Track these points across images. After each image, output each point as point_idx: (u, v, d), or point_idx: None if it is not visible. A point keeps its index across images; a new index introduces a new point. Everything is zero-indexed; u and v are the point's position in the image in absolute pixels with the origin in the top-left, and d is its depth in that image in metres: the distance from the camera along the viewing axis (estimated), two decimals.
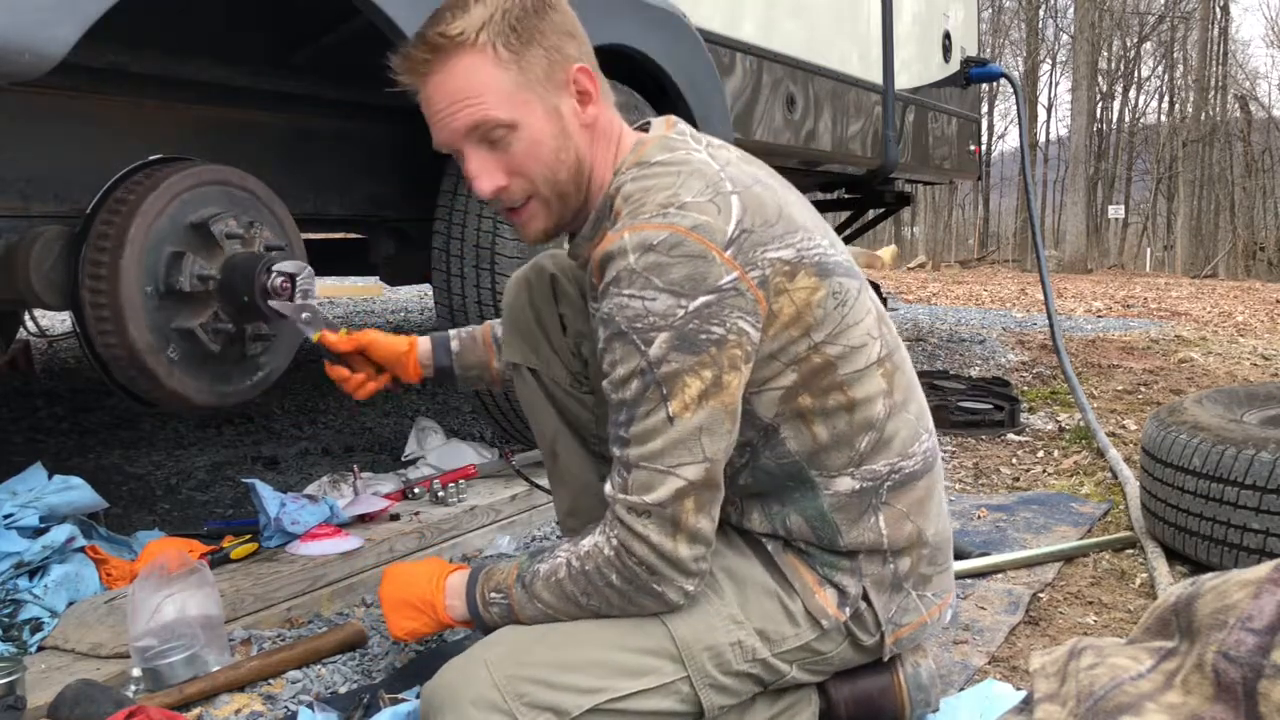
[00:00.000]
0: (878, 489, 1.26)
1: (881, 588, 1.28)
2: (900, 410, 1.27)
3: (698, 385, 1.12)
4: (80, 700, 1.37)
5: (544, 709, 1.16)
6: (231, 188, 1.88)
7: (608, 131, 1.26)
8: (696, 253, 1.11)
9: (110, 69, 1.87)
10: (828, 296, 1.20)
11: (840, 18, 3.93)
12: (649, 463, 1.14)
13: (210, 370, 1.81)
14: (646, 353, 1.12)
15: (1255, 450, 1.91)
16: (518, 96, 1.19)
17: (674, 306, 1.11)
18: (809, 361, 1.19)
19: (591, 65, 1.23)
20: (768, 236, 1.17)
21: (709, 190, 1.16)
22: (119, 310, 1.68)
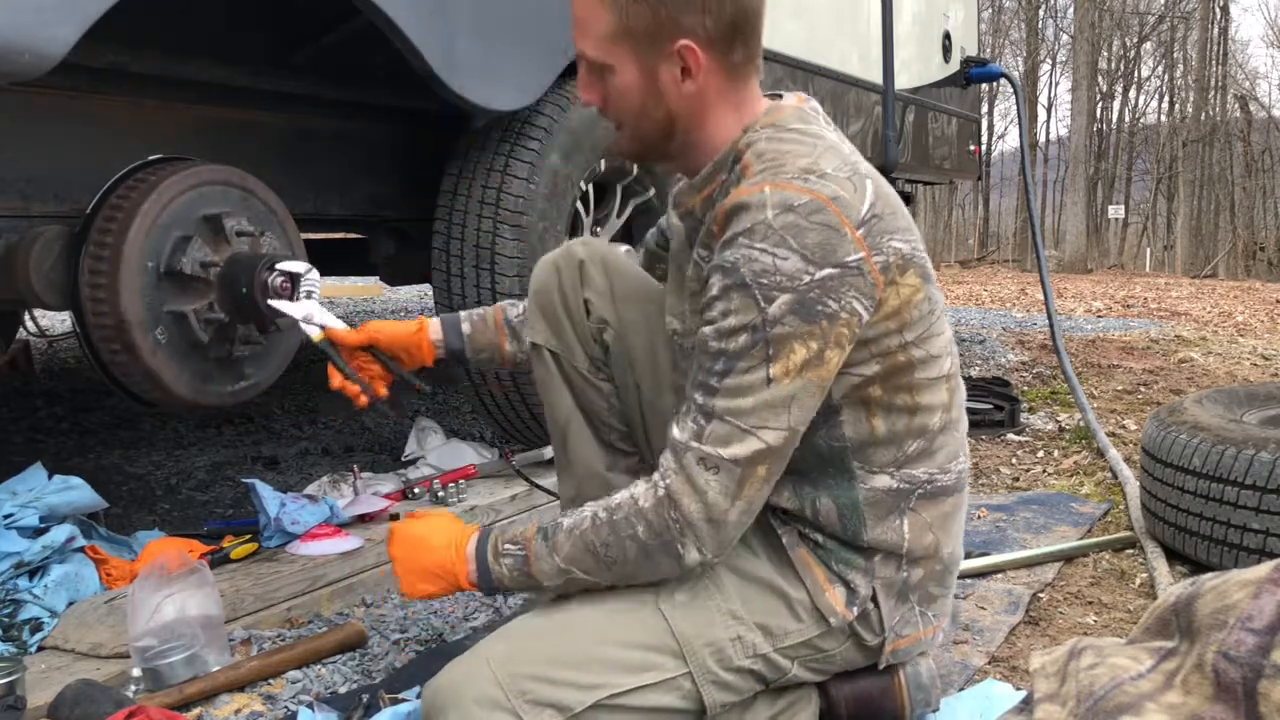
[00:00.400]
0: (910, 494, 1.27)
1: (890, 593, 1.28)
2: (952, 427, 1.29)
3: (803, 354, 1.12)
4: (80, 700, 1.37)
5: (547, 705, 1.16)
6: (232, 188, 1.88)
7: (724, 101, 1.25)
8: (833, 224, 1.12)
9: (110, 69, 1.87)
10: (925, 300, 1.21)
11: (840, 18, 3.93)
12: (734, 418, 1.14)
13: (194, 363, 1.79)
14: (766, 310, 1.11)
15: (1255, 450, 1.91)
16: (615, 44, 1.21)
17: (802, 271, 1.11)
18: (894, 357, 1.21)
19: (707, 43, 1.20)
20: (893, 226, 1.18)
21: (847, 168, 1.18)
22: (116, 278, 1.67)
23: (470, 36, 2.17)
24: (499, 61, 2.25)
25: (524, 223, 2.39)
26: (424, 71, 2.08)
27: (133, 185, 1.75)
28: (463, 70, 2.15)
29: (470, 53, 2.17)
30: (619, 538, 1.19)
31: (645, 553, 1.19)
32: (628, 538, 1.19)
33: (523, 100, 2.34)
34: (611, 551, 1.20)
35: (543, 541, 1.25)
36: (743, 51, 1.23)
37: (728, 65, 1.23)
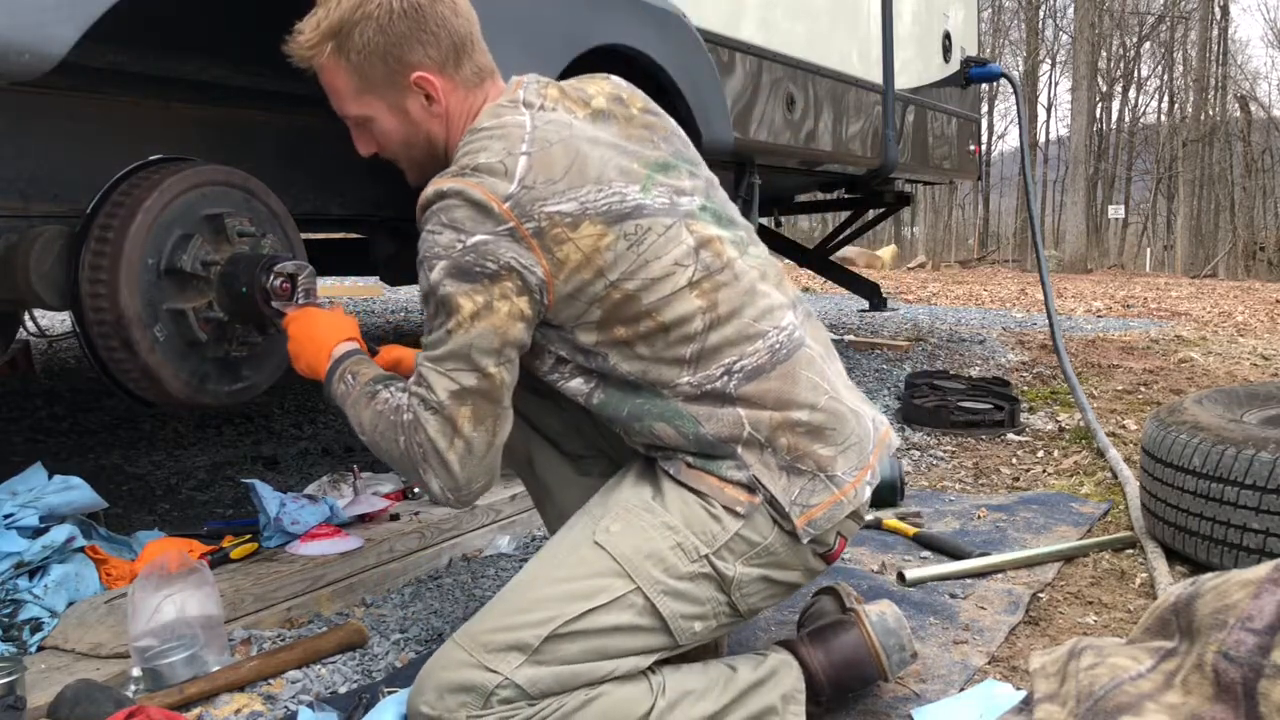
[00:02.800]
0: (724, 388, 1.35)
1: (770, 472, 1.34)
2: (728, 319, 1.36)
3: (470, 307, 1.28)
4: (80, 700, 1.37)
5: (508, 649, 1.27)
6: (235, 188, 1.88)
7: (464, 111, 1.43)
8: (477, 200, 1.28)
9: (110, 69, 1.87)
10: (618, 240, 1.32)
11: (840, 18, 3.93)
12: (435, 364, 1.31)
13: (192, 362, 1.79)
14: (430, 278, 1.30)
15: (1255, 450, 1.91)
16: (364, 98, 1.41)
17: (454, 241, 1.28)
18: (609, 298, 1.33)
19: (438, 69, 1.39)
20: (548, 193, 1.30)
21: (502, 152, 1.32)
22: (116, 274, 1.67)
23: None
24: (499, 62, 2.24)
25: None
26: None
27: (135, 183, 1.75)
28: None
29: None
30: (390, 434, 1.37)
31: (402, 458, 1.36)
32: (393, 439, 1.36)
33: None
34: (384, 443, 1.38)
35: (362, 394, 1.43)
36: (470, 65, 1.42)
37: (461, 80, 1.42)
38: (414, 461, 1.34)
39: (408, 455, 1.35)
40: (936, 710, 1.47)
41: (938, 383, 3.94)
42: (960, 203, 39.02)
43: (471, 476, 1.34)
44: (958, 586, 1.98)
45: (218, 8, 2.09)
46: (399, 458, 1.37)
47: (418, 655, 1.69)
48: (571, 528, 1.41)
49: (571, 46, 2.41)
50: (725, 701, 1.34)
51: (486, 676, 1.25)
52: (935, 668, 1.62)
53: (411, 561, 2.07)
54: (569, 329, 1.35)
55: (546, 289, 1.31)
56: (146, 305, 1.72)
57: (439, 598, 1.95)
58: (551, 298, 1.32)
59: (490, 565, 2.13)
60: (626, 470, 1.47)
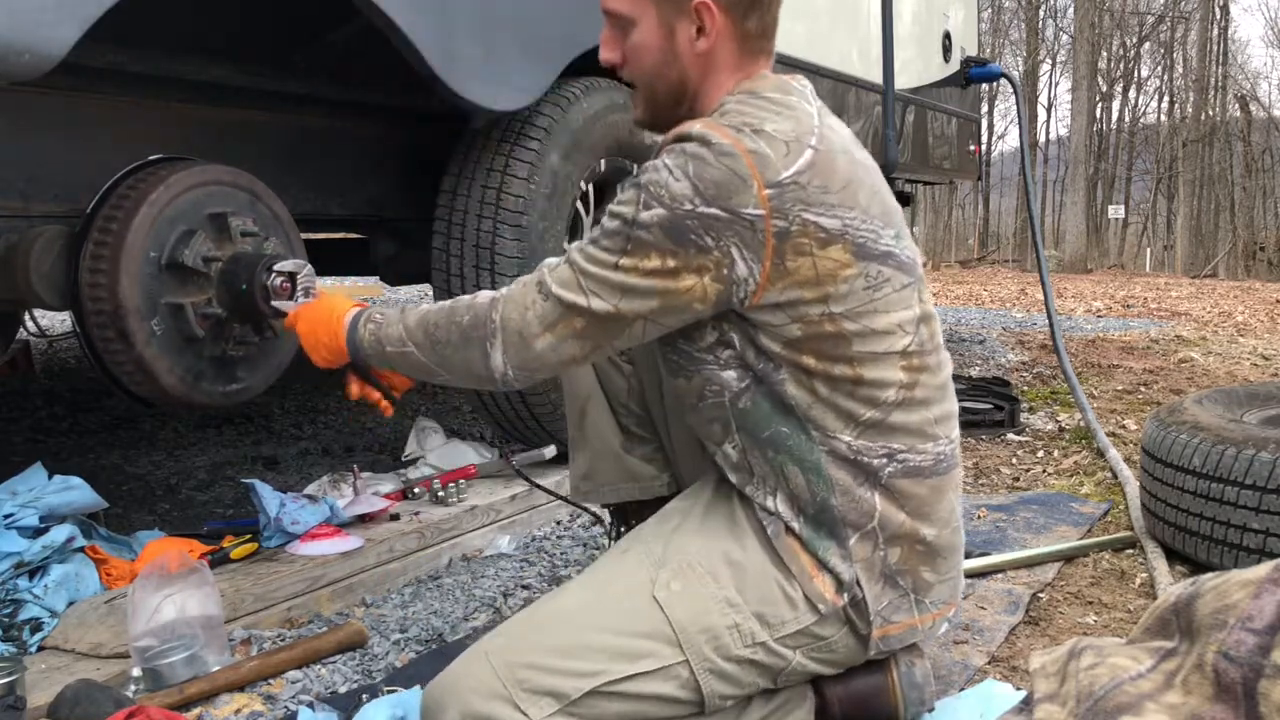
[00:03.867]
0: (879, 470, 1.27)
1: (873, 576, 1.28)
2: (917, 406, 1.29)
3: (657, 262, 1.20)
4: (80, 700, 1.37)
5: (544, 693, 1.18)
6: (239, 189, 1.88)
7: (730, 67, 1.31)
8: (740, 172, 1.17)
9: (110, 69, 1.87)
10: (859, 276, 1.23)
11: (840, 18, 3.93)
12: (580, 273, 1.23)
13: (187, 359, 1.79)
14: (639, 214, 1.19)
15: (1255, 450, 1.91)
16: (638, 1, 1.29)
17: (687, 198, 1.18)
18: (819, 325, 1.23)
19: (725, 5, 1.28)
20: (817, 200, 1.20)
21: (792, 133, 1.21)
22: (117, 264, 1.67)
23: (470, 37, 2.17)
24: (499, 62, 2.25)
25: (524, 223, 2.39)
26: (424, 72, 2.08)
27: (141, 178, 1.75)
28: (463, 70, 2.15)
29: (470, 53, 2.17)
30: (450, 320, 1.30)
31: (465, 338, 1.28)
32: (454, 323, 1.30)
33: (523, 100, 2.34)
34: (440, 332, 1.31)
35: (399, 313, 1.38)
36: (757, 22, 1.30)
37: (740, 33, 1.30)
38: (482, 334, 1.26)
39: (473, 328, 1.27)
40: (937, 710, 1.47)
41: None
42: (960, 203, 39.02)
43: (541, 366, 1.27)
44: None
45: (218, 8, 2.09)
46: (456, 338, 1.29)
47: (418, 655, 1.69)
48: (625, 555, 1.32)
49: (571, 46, 2.41)
50: None
51: (516, 717, 1.18)
52: (935, 668, 1.62)
53: (411, 561, 2.07)
54: (755, 326, 1.25)
55: (754, 290, 1.21)
56: (145, 297, 1.72)
57: (439, 598, 1.95)
58: (756, 300, 1.22)
59: (490, 565, 2.13)
60: (698, 497, 1.38)
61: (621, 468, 1.64)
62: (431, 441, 2.68)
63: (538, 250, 2.41)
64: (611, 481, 1.66)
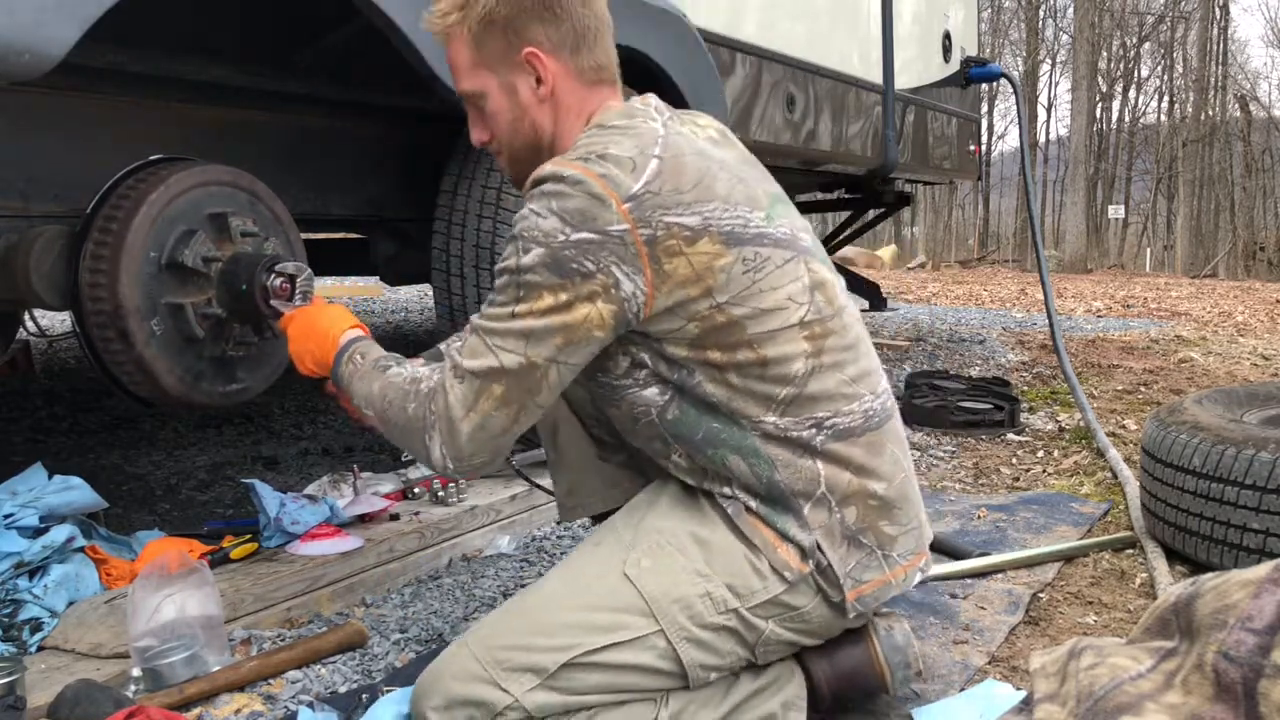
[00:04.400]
0: (811, 440, 1.30)
1: (833, 539, 1.31)
2: (828, 370, 1.32)
3: (550, 300, 1.24)
4: (80, 700, 1.37)
5: (523, 670, 1.24)
6: (240, 190, 1.88)
7: (577, 103, 1.39)
8: (596, 193, 1.23)
9: (110, 69, 1.87)
10: (735, 263, 1.28)
11: (840, 18, 3.93)
12: (484, 335, 1.27)
13: (187, 359, 1.78)
14: (521, 259, 1.25)
15: (1255, 450, 1.91)
16: (478, 71, 1.38)
17: (558, 230, 1.23)
18: (711, 319, 1.27)
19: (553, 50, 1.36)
20: (673, 202, 1.26)
21: (634, 149, 1.28)
22: (117, 264, 1.67)
23: None
24: None
25: None
26: (424, 72, 2.08)
27: (141, 178, 1.75)
28: None
29: None
30: (400, 404, 1.34)
31: (408, 424, 1.33)
32: (402, 408, 1.33)
33: None
34: (391, 411, 1.35)
35: (372, 367, 1.42)
36: (589, 57, 1.38)
37: (576, 70, 1.38)
38: (421, 426, 1.30)
39: (415, 419, 1.31)
40: (936, 710, 1.47)
41: (938, 383, 3.94)
42: (960, 203, 39.02)
43: (476, 450, 1.30)
44: (958, 586, 1.98)
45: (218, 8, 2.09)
46: (402, 423, 1.33)
47: (418, 655, 1.69)
48: (598, 545, 1.37)
49: None
50: (726, 710, 1.33)
51: (497, 695, 1.23)
52: (935, 668, 1.62)
53: (411, 561, 2.07)
54: (658, 339, 1.30)
55: (645, 302, 1.25)
56: (145, 297, 1.72)
57: (439, 598, 1.95)
58: (649, 311, 1.26)
59: (490, 565, 2.13)
60: (661, 489, 1.42)
61: (602, 477, 1.66)
62: None
63: None
64: (596, 493, 1.68)
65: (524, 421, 1.30)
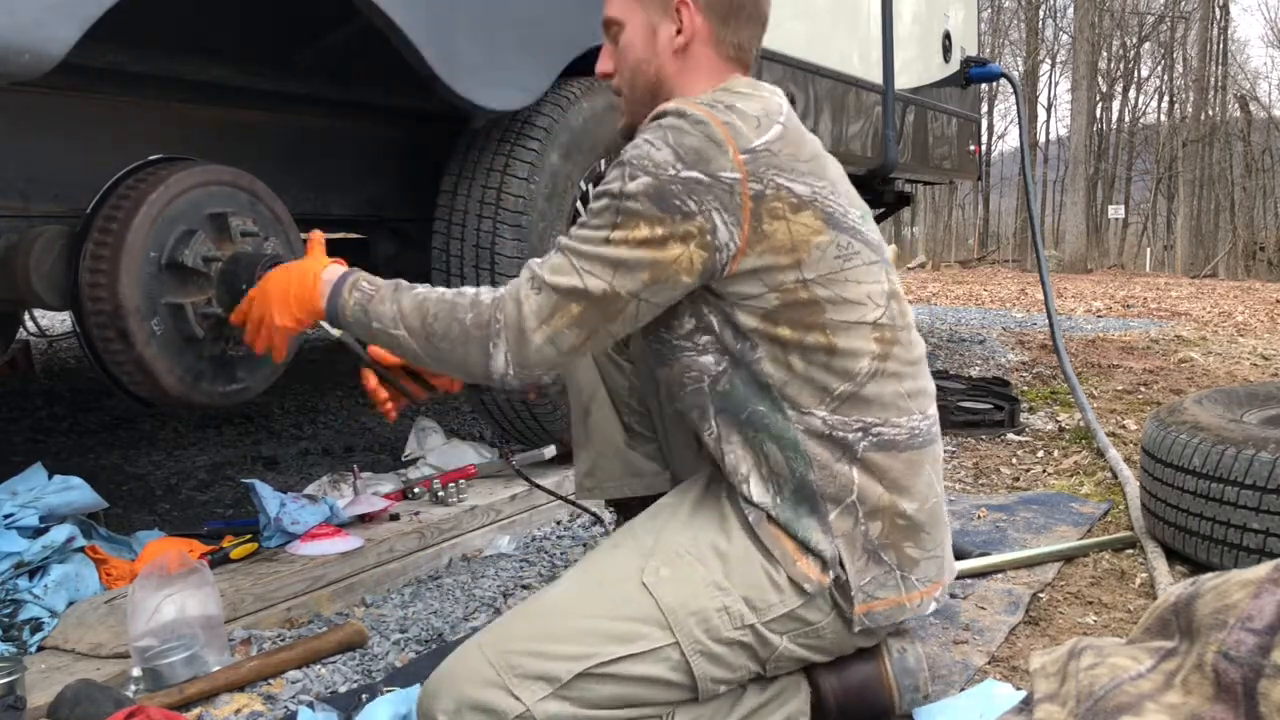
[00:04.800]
0: (852, 444, 1.30)
1: (854, 550, 1.29)
2: (889, 378, 1.32)
3: (645, 232, 1.23)
4: (80, 700, 1.37)
5: (536, 678, 1.21)
6: (240, 190, 1.88)
7: (707, 68, 1.39)
8: (715, 138, 1.24)
9: (110, 69, 1.87)
10: (830, 244, 1.28)
11: (840, 18, 3.93)
12: (572, 255, 1.26)
13: (187, 359, 1.78)
14: (626, 185, 1.24)
15: (1255, 450, 1.91)
16: (628, 3, 1.40)
17: (669, 164, 1.23)
18: (794, 293, 1.27)
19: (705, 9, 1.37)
20: (789, 166, 1.26)
21: (761, 111, 1.29)
22: (117, 264, 1.67)
23: (471, 37, 2.17)
24: (499, 62, 2.25)
25: (524, 223, 2.39)
26: (424, 72, 2.08)
27: (141, 178, 1.75)
28: (463, 70, 2.15)
29: (471, 53, 2.17)
30: (451, 315, 1.30)
31: (465, 336, 1.29)
32: (456, 319, 1.29)
33: (523, 100, 2.34)
34: (438, 324, 1.30)
35: (393, 290, 1.35)
36: (734, 33, 1.39)
37: (717, 39, 1.38)
38: (484, 334, 1.27)
39: (474, 327, 1.27)
40: (936, 710, 1.47)
41: (938, 383, 3.94)
42: (960, 203, 39.03)
43: (540, 362, 1.28)
44: (958, 586, 1.98)
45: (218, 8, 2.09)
46: (456, 334, 1.29)
47: (418, 655, 1.69)
48: (617, 548, 1.35)
49: (571, 46, 2.41)
50: None
51: (509, 703, 1.20)
52: (935, 668, 1.62)
53: (411, 561, 2.07)
54: (733, 302, 1.28)
55: (734, 256, 1.25)
56: (145, 297, 1.71)
57: (439, 598, 1.95)
58: (735, 267, 1.25)
59: (490, 565, 2.13)
60: (686, 492, 1.40)
61: (625, 464, 1.66)
62: (431, 441, 2.68)
63: (538, 250, 2.41)
64: (615, 478, 1.68)
65: (592, 345, 1.30)
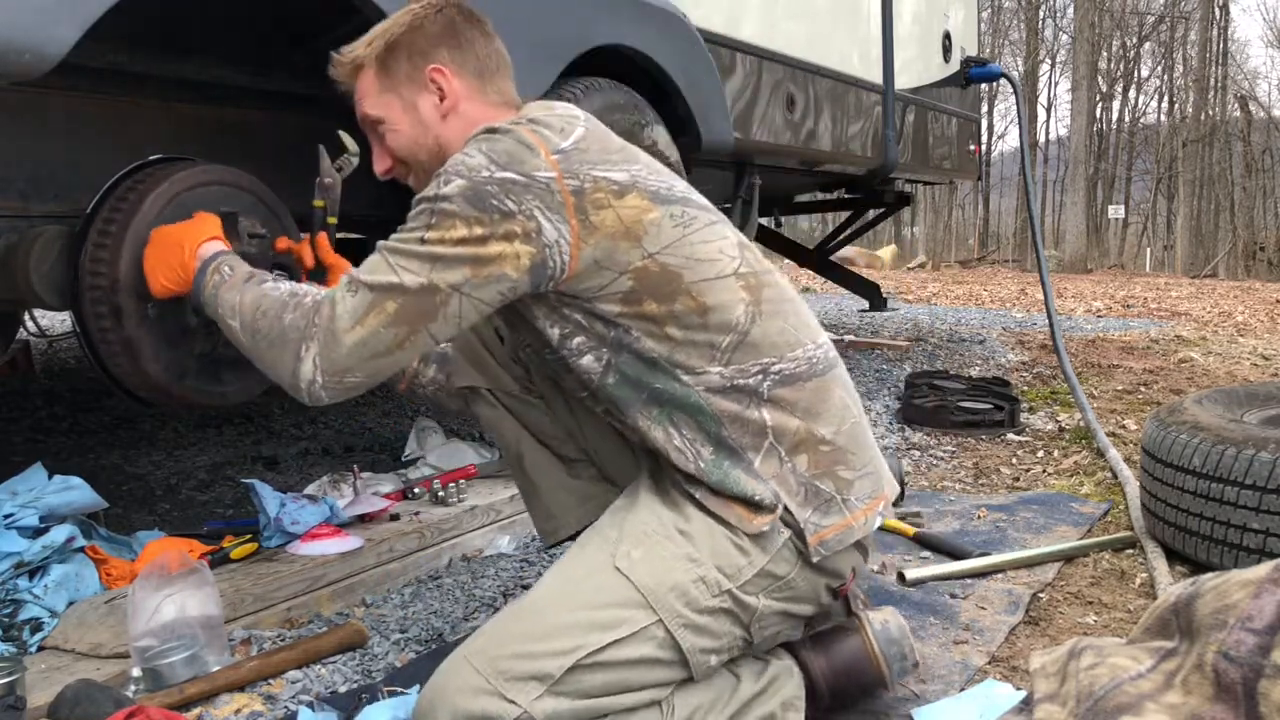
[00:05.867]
0: (757, 388, 1.32)
1: (789, 488, 1.31)
2: (771, 317, 1.34)
3: (463, 231, 1.24)
4: (80, 700, 1.37)
5: (528, 678, 1.22)
6: (244, 191, 1.88)
7: (483, 119, 1.41)
8: (526, 142, 1.27)
9: (110, 69, 1.87)
10: (664, 218, 1.31)
11: (840, 18, 3.93)
12: (388, 254, 1.28)
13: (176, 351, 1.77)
14: (441, 189, 1.26)
15: (1255, 450, 1.91)
16: (384, 96, 1.43)
17: (483, 166, 1.25)
18: (645, 270, 1.29)
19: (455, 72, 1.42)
20: (602, 159, 1.30)
21: (561, 120, 1.33)
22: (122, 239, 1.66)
23: None
24: None
25: None
26: None
27: (140, 179, 1.75)
28: None
29: None
30: (276, 313, 1.32)
31: (281, 334, 1.31)
32: (278, 317, 1.32)
33: None
34: (262, 322, 1.33)
35: (246, 278, 1.40)
36: (494, 87, 1.45)
37: (481, 93, 1.44)
38: (298, 336, 1.28)
39: (291, 328, 1.29)
40: (936, 710, 1.47)
41: (938, 383, 3.94)
42: (960, 203, 39.02)
43: (352, 367, 1.27)
44: (958, 586, 1.98)
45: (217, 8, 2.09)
46: (275, 334, 1.31)
47: (418, 655, 1.69)
48: (584, 546, 1.36)
49: (571, 46, 2.41)
50: (730, 714, 1.33)
51: (504, 707, 1.20)
52: (935, 668, 1.62)
53: (411, 561, 2.07)
54: (589, 298, 1.30)
55: (570, 254, 1.26)
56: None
57: (439, 598, 1.95)
58: (575, 264, 1.27)
59: (490, 565, 2.13)
60: (636, 488, 1.42)
61: (576, 495, 1.65)
62: (431, 441, 2.68)
63: None
64: (572, 510, 1.66)
65: (409, 349, 1.29)
